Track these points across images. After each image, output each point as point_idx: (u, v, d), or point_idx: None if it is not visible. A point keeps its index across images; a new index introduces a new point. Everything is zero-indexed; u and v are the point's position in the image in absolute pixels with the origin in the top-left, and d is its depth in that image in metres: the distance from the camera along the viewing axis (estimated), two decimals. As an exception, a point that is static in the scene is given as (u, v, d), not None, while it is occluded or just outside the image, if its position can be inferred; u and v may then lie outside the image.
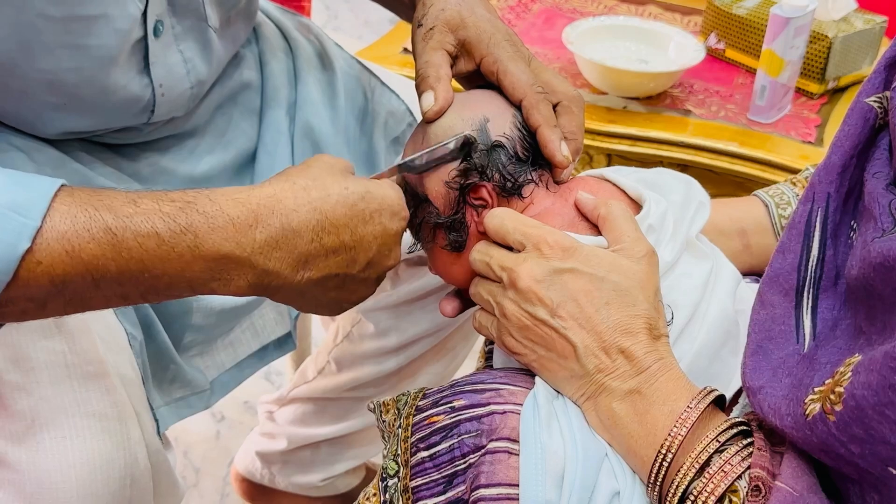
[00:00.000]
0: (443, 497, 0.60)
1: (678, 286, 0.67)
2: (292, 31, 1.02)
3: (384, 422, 0.68)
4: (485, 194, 0.70)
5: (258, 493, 1.33)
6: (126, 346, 0.76)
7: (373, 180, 0.68)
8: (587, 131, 1.30)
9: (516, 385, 0.64)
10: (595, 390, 0.61)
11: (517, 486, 0.58)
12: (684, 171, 1.28)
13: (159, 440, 0.80)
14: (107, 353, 0.73)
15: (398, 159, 0.71)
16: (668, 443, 0.57)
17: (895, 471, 0.47)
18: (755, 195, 0.80)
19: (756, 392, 0.57)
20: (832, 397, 0.49)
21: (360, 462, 1.31)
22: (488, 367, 0.76)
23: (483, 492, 0.58)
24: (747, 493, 0.53)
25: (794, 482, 0.52)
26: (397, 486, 0.62)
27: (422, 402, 0.64)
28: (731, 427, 0.57)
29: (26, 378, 0.70)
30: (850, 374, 0.49)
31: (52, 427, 0.70)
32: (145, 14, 0.73)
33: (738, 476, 0.54)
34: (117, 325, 0.76)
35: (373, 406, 0.70)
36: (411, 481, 0.61)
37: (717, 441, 0.56)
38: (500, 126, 0.71)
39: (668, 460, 0.56)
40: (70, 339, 0.71)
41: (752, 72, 1.40)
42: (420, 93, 0.73)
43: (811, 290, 0.59)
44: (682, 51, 1.41)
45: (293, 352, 1.30)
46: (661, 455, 0.57)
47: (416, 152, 0.72)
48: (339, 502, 1.33)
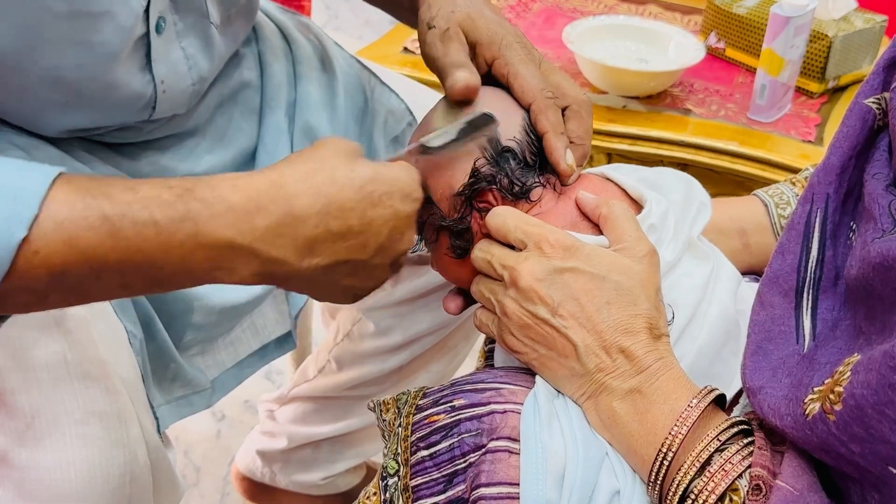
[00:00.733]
0: (443, 496, 0.60)
1: (679, 286, 0.67)
2: (292, 30, 1.02)
3: (384, 421, 0.68)
4: (491, 199, 0.70)
5: (259, 491, 1.33)
6: (126, 345, 0.76)
7: (383, 162, 0.66)
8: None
9: (517, 384, 0.64)
10: (595, 389, 0.61)
11: (518, 485, 0.58)
12: (684, 170, 1.28)
13: (159, 438, 0.80)
14: (107, 352, 0.73)
15: (414, 143, 0.70)
16: (669, 442, 0.57)
17: (895, 470, 0.47)
18: (755, 195, 0.81)
19: (756, 392, 0.57)
20: (832, 397, 0.49)
21: (361, 461, 1.32)
22: (489, 366, 0.76)
23: (484, 491, 0.58)
24: (748, 491, 0.53)
25: (794, 481, 0.52)
26: (397, 485, 0.62)
27: (422, 402, 0.64)
28: (731, 426, 0.57)
29: (26, 376, 0.70)
30: (850, 373, 0.49)
31: (51, 425, 0.70)
32: (147, 11, 0.73)
33: (739, 475, 0.54)
34: (117, 323, 0.76)
35: (373, 405, 0.70)
36: (411, 480, 0.61)
37: (718, 440, 0.56)
38: (510, 130, 0.71)
39: (669, 459, 0.56)
40: (70, 337, 0.71)
41: (752, 71, 1.40)
42: (449, 74, 0.72)
43: (811, 291, 0.59)
44: (682, 50, 1.41)
45: (293, 351, 1.30)
46: (662, 454, 0.57)
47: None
48: (340, 501, 1.33)
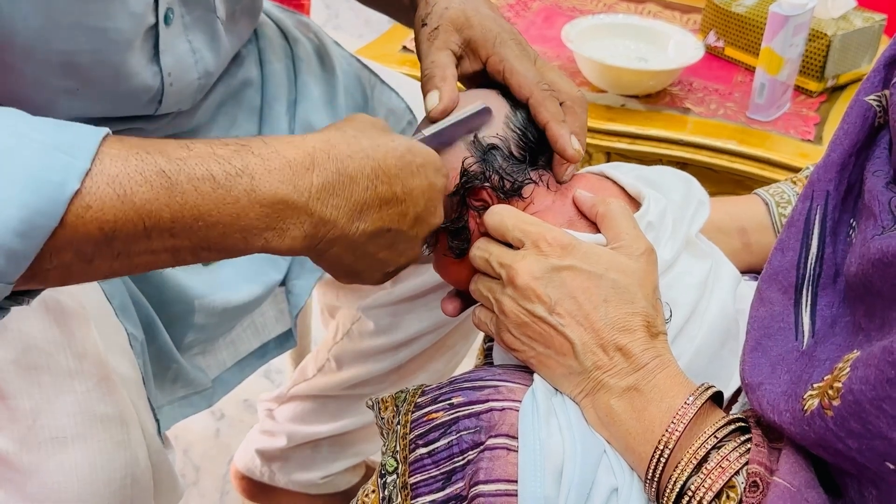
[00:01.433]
0: (441, 493, 0.60)
1: (677, 284, 0.67)
2: (292, 29, 1.02)
3: (382, 419, 0.68)
4: (485, 196, 0.70)
5: (258, 490, 1.33)
6: (127, 347, 0.76)
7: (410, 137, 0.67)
8: (587, 129, 1.30)
9: (515, 382, 0.64)
10: (593, 387, 0.61)
11: (516, 482, 0.58)
12: (683, 169, 1.28)
13: (160, 440, 0.80)
14: (108, 354, 0.73)
15: (418, 134, 0.70)
16: (666, 439, 0.57)
17: (892, 465, 0.47)
18: (755, 194, 0.81)
19: (755, 388, 0.57)
20: (830, 392, 0.49)
21: (361, 460, 1.32)
22: (487, 364, 0.76)
23: (482, 488, 0.58)
24: (745, 488, 0.54)
25: (791, 478, 0.52)
26: (396, 483, 0.62)
27: (420, 399, 0.64)
28: (728, 423, 0.57)
29: (28, 379, 0.70)
30: (849, 369, 0.49)
31: (53, 427, 0.70)
32: (157, 1, 0.73)
33: (736, 472, 0.54)
34: (118, 326, 0.76)
35: (371, 403, 0.70)
36: (410, 478, 0.61)
37: (715, 437, 0.56)
38: (493, 127, 0.71)
39: (666, 456, 0.56)
40: (72, 339, 0.71)
41: (751, 70, 1.40)
42: (425, 92, 0.73)
43: (810, 288, 0.59)
44: (681, 49, 1.41)
45: (293, 350, 1.30)
46: (659, 451, 0.57)
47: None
48: (339, 500, 1.33)
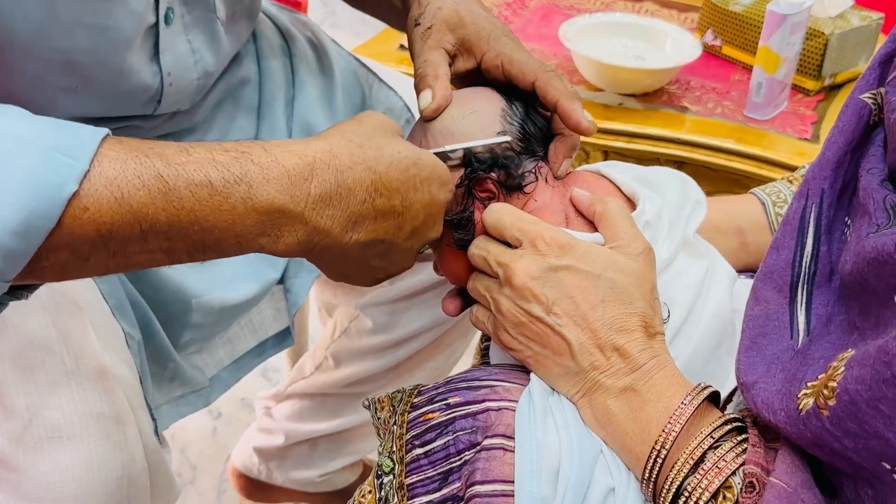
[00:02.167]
0: (438, 494, 0.60)
1: (675, 284, 0.67)
2: (289, 28, 1.02)
3: (379, 419, 0.68)
4: (491, 186, 0.70)
5: (255, 488, 1.33)
6: (124, 346, 0.76)
7: (419, 147, 0.67)
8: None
9: (511, 382, 0.64)
10: (590, 387, 0.61)
11: (512, 482, 0.57)
12: (681, 167, 1.28)
13: (157, 440, 0.80)
14: (104, 353, 0.73)
15: (437, 148, 0.70)
16: (663, 439, 0.57)
17: (888, 465, 0.47)
18: (752, 193, 0.80)
19: (749, 387, 0.57)
20: (825, 392, 0.49)
21: (358, 458, 1.32)
22: (485, 364, 0.76)
23: (478, 488, 0.58)
24: (741, 489, 0.53)
25: (788, 478, 0.52)
26: (392, 484, 0.62)
27: (417, 399, 0.64)
28: (725, 423, 0.57)
29: (24, 378, 0.70)
30: (844, 368, 0.49)
31: (49, 427, 0.70)
32: (157, 1, 0.73)
33: (733, 472, 0.54)
34: (115, 325, 0.76)
35: (368, 403, 0.70)
36: (406, 478, 0.61)
37: (712, 437, 0.56)
38: (492, 123, 0.71)
39: (663, 456, 0.56)
40: (68, 339, 0.71)
41: (748, 68, 1.40)
42: (418, 91, 0.73)
43: (805, 286, 0.59)
44: (678, 47, 1.41)
45: (290, 348, 1.30)
46: (656, 452, 0.57)
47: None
48: (336, 498, 1.33)
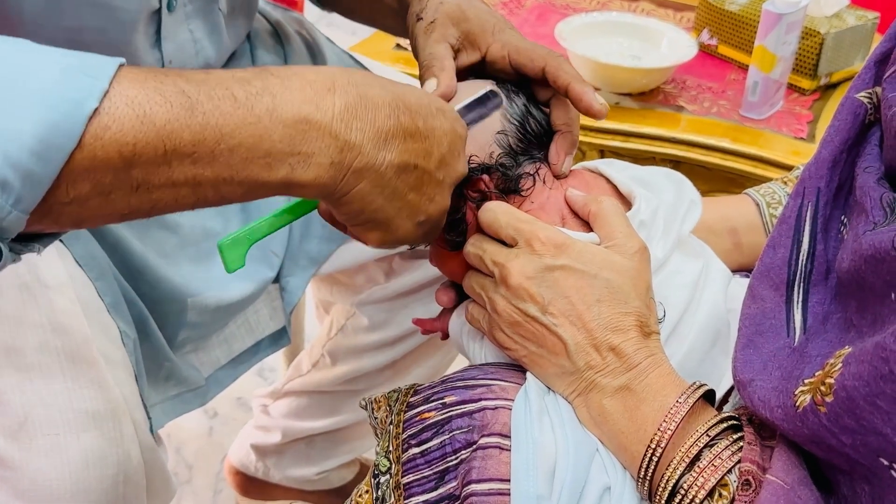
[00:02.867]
0: (434, 493, 0.60)
1: (670, 283, 0.67)
2: (285, 26, 1.02)
3: (376, 418, 0.68)
4: (483, 187, 0.69)
5: (252, 486, 1.33)
6: (119, 344, 0.76)
7: None
8: (581, 127, 1.29)
9: (507, 381, 0.64)
10: (585, 387, 0.61)
11: (509, 481, 0.58)
12: (676, 166, 1.28)
13: (152, 438, 0.80)
14: (100, 352, 0.73)
15: None
16: (658, 438, 0.57)
17: (886, 461, 0.47)
18: (746, 194, 0.81)
19: (746, 385, 0.57)
20: (823, 388, 0.49)
21: (355, 456, 1.32)
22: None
23: (475, 487, 0.58)
24: (737, 487, 0.54)
25: (785, 475, 0.52)
26: (389, 483, 0.62)
27: (413, 399, 0.64)
28: (720, 422, 0.57)
29: (19, 375, 0.70)
30: (841, 365, 0.49)
31: (45, 424, 0.70)
32: None
33: (728, 470, 0.54)
34: (111, 323, 0.76)
35: (364, 403, 0.70)
36: (403, 478, 0.61)
37: (707, 436, 0.56)
38: (493, 123, 0.70)
39: (658, 455, 0.56)
40: (63, 336, 0.71)
41: (744, 68, 1.40)
42: (423, 81, 0.72)
43: (802, 285, 0.59)
44: (674, 47, 1.41)
45: (286, 347, 1.30)
46: (651, 450, 0.57)
47: None
48: (333, 497, 1.33)
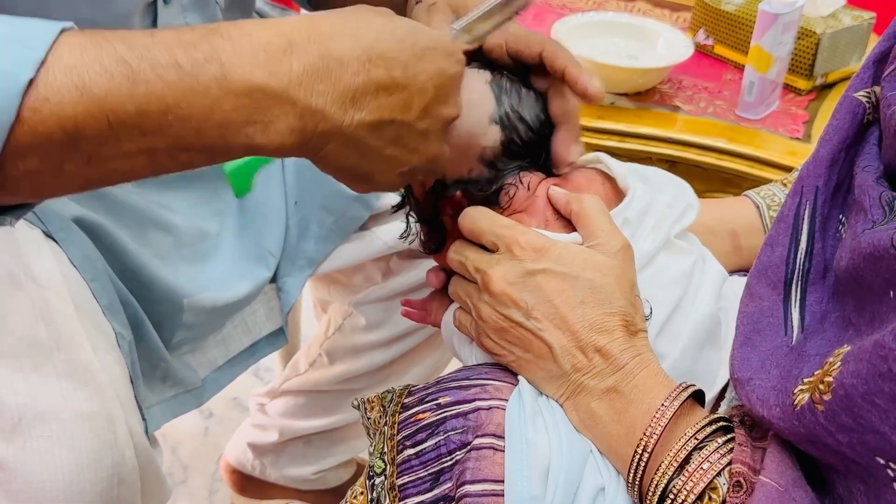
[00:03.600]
0: (430, 494, 0.60)
1: (656, 280, 0.66)
2: None
3: (369, 419, 0.67)
4: (458, 198, 0.69)
5: (248, 484, 1.33)
6: (115, 346, 0.75)
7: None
8: (576, 127, 1.30)
9: (502, 380, 0.63)
10: (574, 390, 0.61)
11: (502, 482, 0.57)
12: (672, 167, 1.29)
13: (147, 439, 0.79)
14: (95, 353, 0.72)
15: (448, 30, 0.64)
16: (645, 441, 0.56)
17: (882, 460, 0.47)
18: (746, 196, 0.80)
19: (744, 383, 0.57)
20: (821, 387, 0.49)
21: (353, 455, 1.32)
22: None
23: (468, 488, 0.58)
24: (728, 489, 0.53)
25: (778, 476, 0.52)
26: (384, 485, 0.62)
27: (407, 400, 0.64)
28: (709, 424, 0.56)
29: (13, 376, 0.70)
30: (840, 363, 0.49)
31: (39, 425, 0.70)
32: None
33: (718, 473, 0.54)
34: (106, 325, 0.75)
35: (357, 403, 0.69)
36: (398, 479, 0.61)
37: (696, 439, 0.56)
38: (489, 136, 0.69)
39: (646, 459, 0.56)
40: (58, 337, 0.71)
41: (740, 68, 1.40)
42: None
43: (799, 283, 0.59)
44: (670, 47, 1.41)
45: (283, 348, 1.30)
46: (637, 455, 0.56)
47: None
48: (329, 497, 1.33)
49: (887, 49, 0.59)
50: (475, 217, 0.66)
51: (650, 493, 0.55)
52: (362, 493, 0.63)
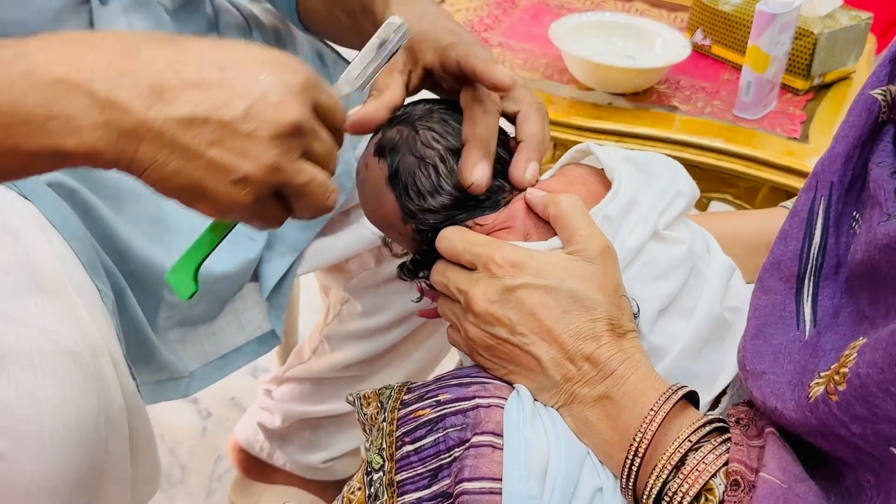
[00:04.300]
0: (428, 491, 0.60)
1: (643, 276, 0.65)
2: (258, 18, 1.03)
3: (365, 414, 0.67)
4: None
5: (254, 466, 1.33)
6: (99, 302, 0.72)
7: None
8: (574, 127, 1.30)
9: (501, 380, 0.63)
10: (567, 399, 0.60)
11: (500, 480, 0.57)
12: (670, 167, 1.28)
13: (135, 383, 0.75)
14: (80, 296, 0.69)
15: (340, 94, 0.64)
16: (636, 445, 0.56)
17: None
18: (784, 206, 0.79)
19: (758, 377, 0.56)
20: (836, 378, 0.49)
21: (359, 444, 1.32)
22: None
23: (467, 485, 0.57)
24: (725, 489, 0.53)
25: (781, 473, 0.52)
26: (382, 480, 0.62)
27: (407, 397, 0.64)
28: (704, 425, 0.56)
29: None
30: (856, 355, 0.49)
31: (22, 358, 0.66)
32: None
33: (714, 474, 0.54)
34: (88, 282, 0.72)
35: (352, 398, 0.69)
36: (396, 475, 0.61)
37: (690, 440, 0.55)
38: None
39: (638, 463, 0.56)
40: (40, 282, 0.67)
41: (737, 68, 1.40)
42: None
43: (812, 278, 0.59)
44: (668, 47, 1.41)
45: (280, 348, 1.30)
46: (629, 459, 0.56)
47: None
48: (332, 489, 1.32)
49: None
50: (451, 238, 0.66)
51: (645, 496, 0.55)
52: (360, 488, 0.63)
